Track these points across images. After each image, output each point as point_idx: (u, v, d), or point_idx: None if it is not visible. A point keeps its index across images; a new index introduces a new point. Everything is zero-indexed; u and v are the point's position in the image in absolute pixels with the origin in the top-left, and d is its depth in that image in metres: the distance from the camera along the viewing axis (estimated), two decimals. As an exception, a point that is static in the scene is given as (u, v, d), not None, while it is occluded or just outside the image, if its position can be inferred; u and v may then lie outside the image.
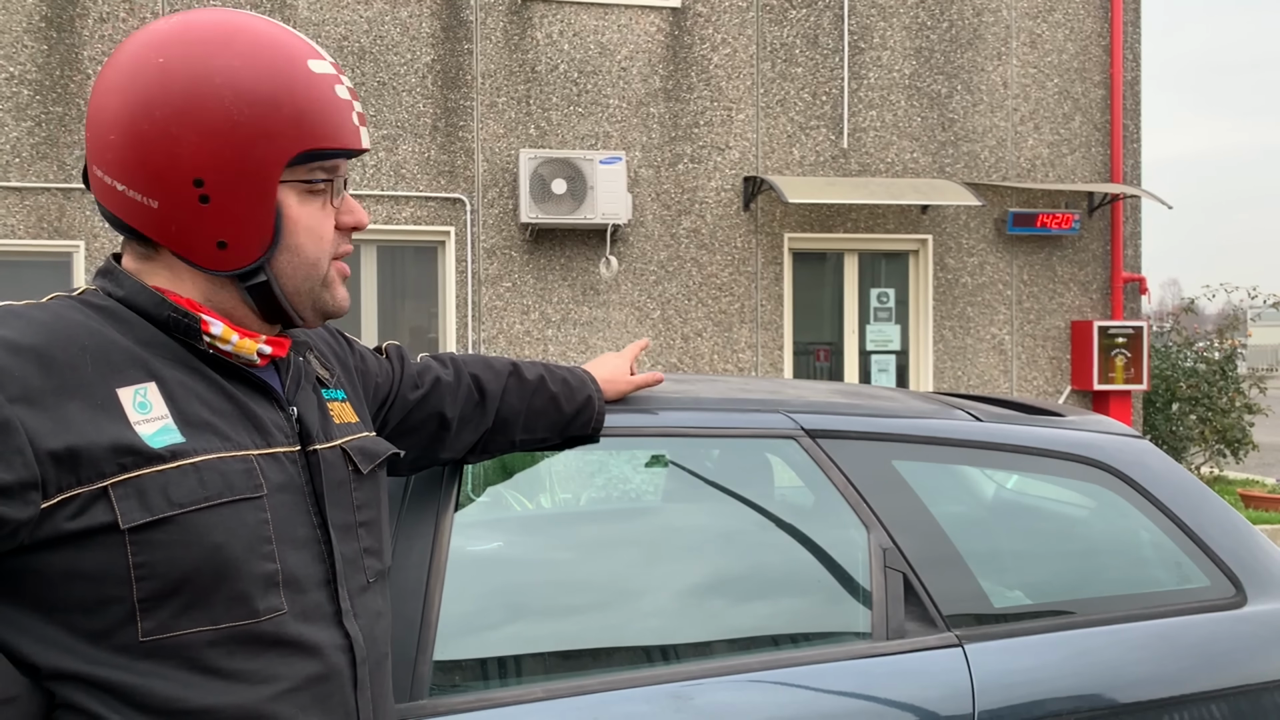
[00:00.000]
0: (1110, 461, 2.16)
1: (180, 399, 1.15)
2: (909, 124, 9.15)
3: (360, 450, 1.34)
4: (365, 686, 1.26)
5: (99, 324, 1.15)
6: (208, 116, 1.15)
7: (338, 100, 1.22)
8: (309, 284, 1.27)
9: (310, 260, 1.26)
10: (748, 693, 1.77)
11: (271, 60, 1.19)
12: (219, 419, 1.17)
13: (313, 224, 1.25)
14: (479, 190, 8.51)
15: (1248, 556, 2.12)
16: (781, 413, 2.05)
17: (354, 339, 1.61)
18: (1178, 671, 1.99)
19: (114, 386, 1.11)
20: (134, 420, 1.10)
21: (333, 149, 1.22)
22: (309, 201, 1.24)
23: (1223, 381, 10.52)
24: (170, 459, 1.10)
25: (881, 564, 1.91)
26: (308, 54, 1.23)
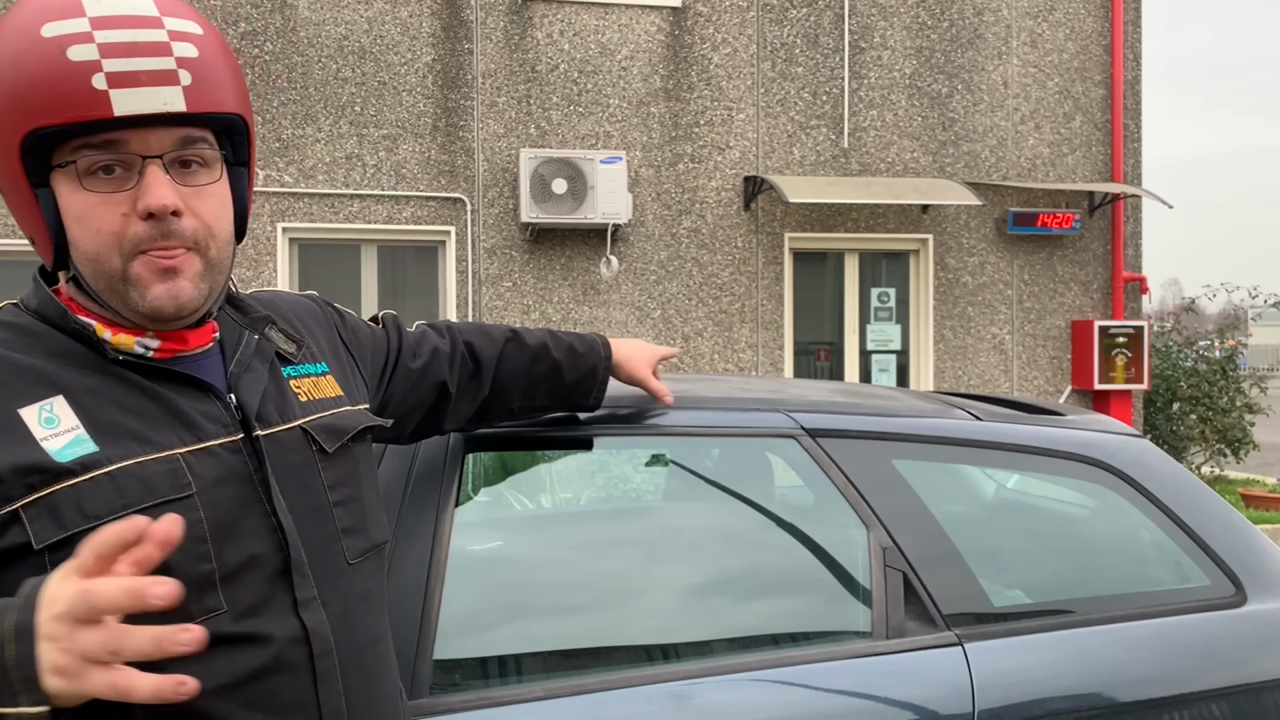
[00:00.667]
0: (1111, 461, 2.16)
1: (92, 407, 1.10)
2: (909, 123, 9.15)
3: (325, 428, 1.26)
4: (331, 679, 1.18)
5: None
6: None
7: (67, 66, 1.05)
8: (105, 282, 1.13)
9: (89, 256, 1.12)
10: (748, 692, 1.77)
11: (8, 34, 1.09)
12: (138, 421, 1.11)
13: (83, 213, 1.10)
14: (479, 190, 8.51)
15: (1248, 556, 2.12)
16: (782, 412, 2.05)
17: (346, 310, 1.53)
18: (1178, 670, 1.99)
19: (14, 408, 1.07)
20: (40, 437, 1.06)
21: (58, 125, 1.06)
22: (84, 188, 1.10)
23: (1223, 381, 10.52)
24: (81, 471, 1.06)
25: (881, 563, 1.91)
26: (51, 16, 1.08)
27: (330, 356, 1.38)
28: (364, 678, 1.23)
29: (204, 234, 1.15)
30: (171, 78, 1.08)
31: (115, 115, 1.06)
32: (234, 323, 1.28)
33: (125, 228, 1.11)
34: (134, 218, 1.10)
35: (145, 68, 1.07)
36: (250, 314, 1.30)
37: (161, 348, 1.17)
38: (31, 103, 1.06)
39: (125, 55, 1.07)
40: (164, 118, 1.09)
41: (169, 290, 1.13)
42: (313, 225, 8.18)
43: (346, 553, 1.24)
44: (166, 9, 1.12)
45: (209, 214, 1.15)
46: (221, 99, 1.14)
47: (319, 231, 8.23)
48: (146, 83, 1.07)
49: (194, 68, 1.10)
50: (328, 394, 1.32)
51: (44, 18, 1.08)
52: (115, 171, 1.10)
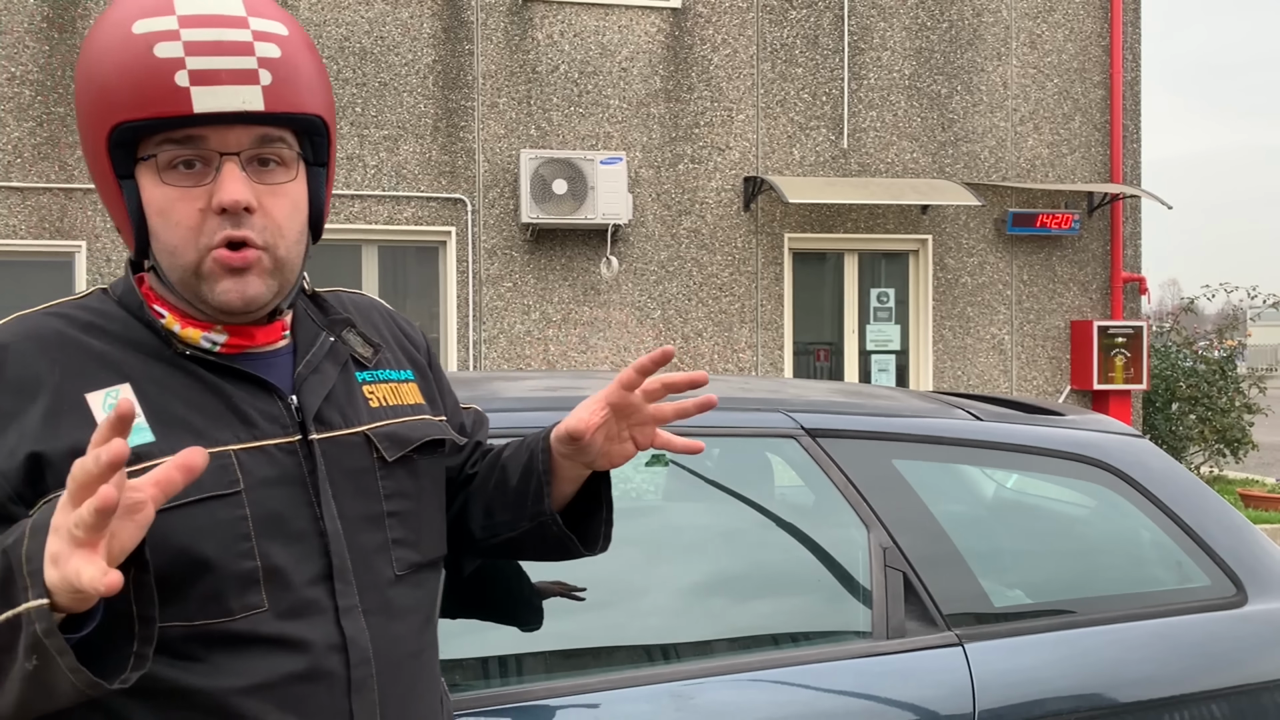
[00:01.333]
0: (1110, 461, 2.16)
1: (155, 398, 1.12)
2: (909, 124, 9.15)
3: (389, 436, 1.24)
4: (366, 689, 1.16)
5: (75, 332, 1.14)
6: (76, 101, 1.15)
7: (152, 62, 1.08)
8: (179, 274, 1.15)
9: (168, 248, 1.14)
10: (748, 692, 1.77)
11: (103, 31, 1.13)
12: (196, 415, 1.13)
13: (162, 206, 1.12)
14: (480, 190, 8.52)
15: (1248, 556, 2.12)
16: (782, 412, 2.05)
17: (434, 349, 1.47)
18: (1178, 671, 1.99)
19: (82, 391, 1.10)
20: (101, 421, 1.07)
21: (140, 120, 1.09)
22: (164, 182, 1.12)
23: (1222, 381, 10.52)
24: (134, 461, 1.05)
25: (882, 563, 1.91)
26: (143, 14, 1.10)
27: (410, 364, 1.36)
28: (401, 691, 1.21)
29: (274, 232, 1.16)
30: (252, 77, 1.10)
31: (194, 112, 1.08)
32: (312, 322, 1.27)
33: (201, 222, 1.12)
34: (210, 213, 1.12)
35: (226, 66, 1.09)
36: (330, 315, 1.30)
37: (228, 343, 1.18)
38: (118, 97, 1.09)
39: (208, 53, 1.09)
40: (243, 116, 1.11)
41: (237, 286, 1.14)
42: (312, 226, 8.17)
43: (395, 564, 1.23)
44: (254, 9, 1.14)
45: (281, 213, 1.16)
46: (302, 100, 1.15)
47: (319, 232, 8.23)
48: (227, 81, 1.09)
49: (275, 68, 1.12)
50: (406, 400, 1.30)
51: (137, 14, 1.10)
52: (195, 166, 1.12)
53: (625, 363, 8.66)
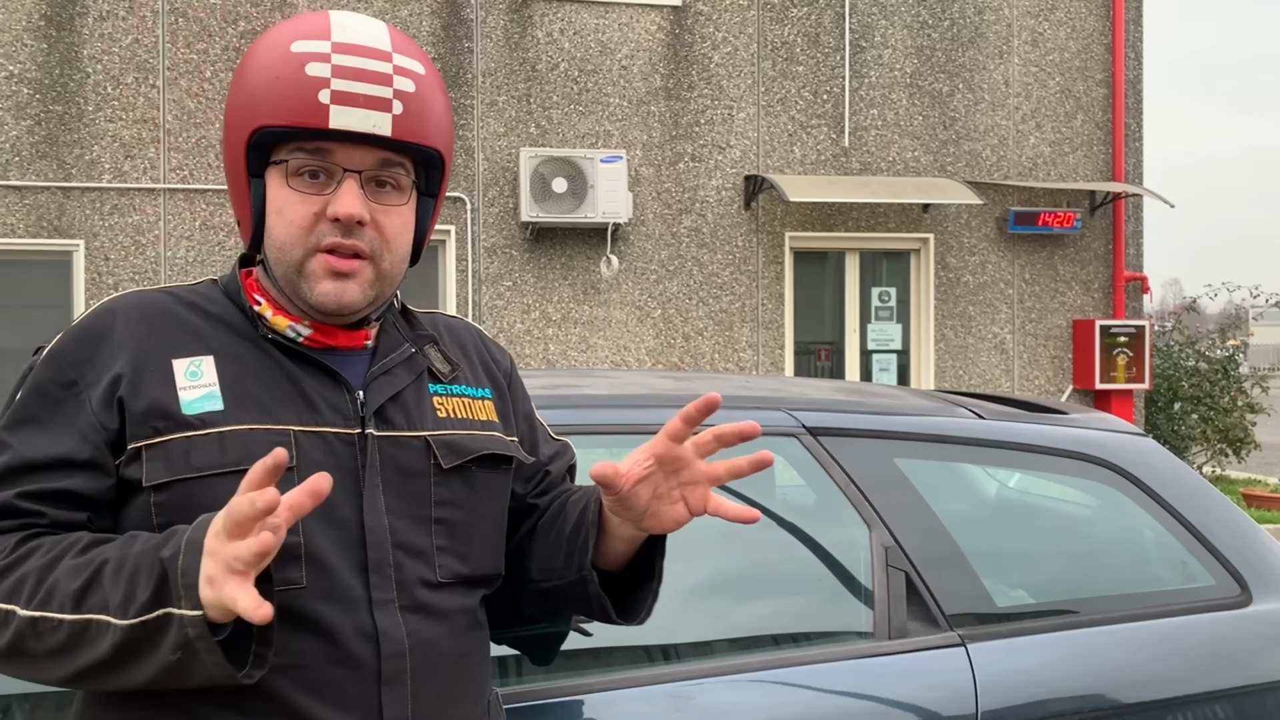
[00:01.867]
0: (1114, 460, 2.15)
1: (232, 372, 1.23)
2: (910, 123, 9.13)
3: (448, 444, 1.29)
4: (398, 683, 1.20)
5: (180, 309, 1.27)
6: (227, 103, 1.29)
7: (301, 78, 1.20)
8: (284, 269, 1.26)
9: (278, 244, 1.25)
10: (748, 692, 1.75)
11: (265, 46, 1.26)
12: (266, 393, 1.23)
13: (283, 207, 1.24)
14: (479, 189, 8.50)
15: (1253, 555, 2.11)
16: (783, 410, 2.04)
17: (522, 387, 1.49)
18: (1182, 671, 1.98)
19: (170, 357, 1.22)
20: (181, 386, 1.21)
21: (281, 127, 1.21)
22: (289, 185, 1.24)
23: (1225, 381, 10.51)
24: (200, 425, 1.19)
25: (884, 563, 1.90)
26: (302, 36, 1.23)
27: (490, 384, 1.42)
28: (438, 691, 1.24)
29: (381, 245, 1.26)
30: (385, 105, 1.22)
31: (329, 127, 1.20)
32: (398, 333, 1.36)
33: (313, 225, 1.23)
34: (323, 219, 1.23)
35: (365, 92, 1.21)
36: (417, 330, 1.38)
37: (312, 336, 1.28)
38: (266, 104, 1.22)
39: (352, 79, 1.21)
40: (371, 138, 1.22)
41: (336, 289, 1.24)
42: (312, 224, 8.16)
43: (439, 570, 1.26)
44: (399, 47, 1.26)
45: (391, 229, 1.26)
46: (426, 133, 1.26)
47: (319, 231, 8.22)
48: (363, 105, 1.21)
49: (407, 101, 1.23)
50: (478, 416, 1.35)
51: (296, 35, 1.24)
52: (319, 177, 1.23)
53: (626, 362, 8.66)
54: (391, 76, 1.22)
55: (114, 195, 8.01)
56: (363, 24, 1.26)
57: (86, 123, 7.99)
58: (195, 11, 8.13)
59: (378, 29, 1.26)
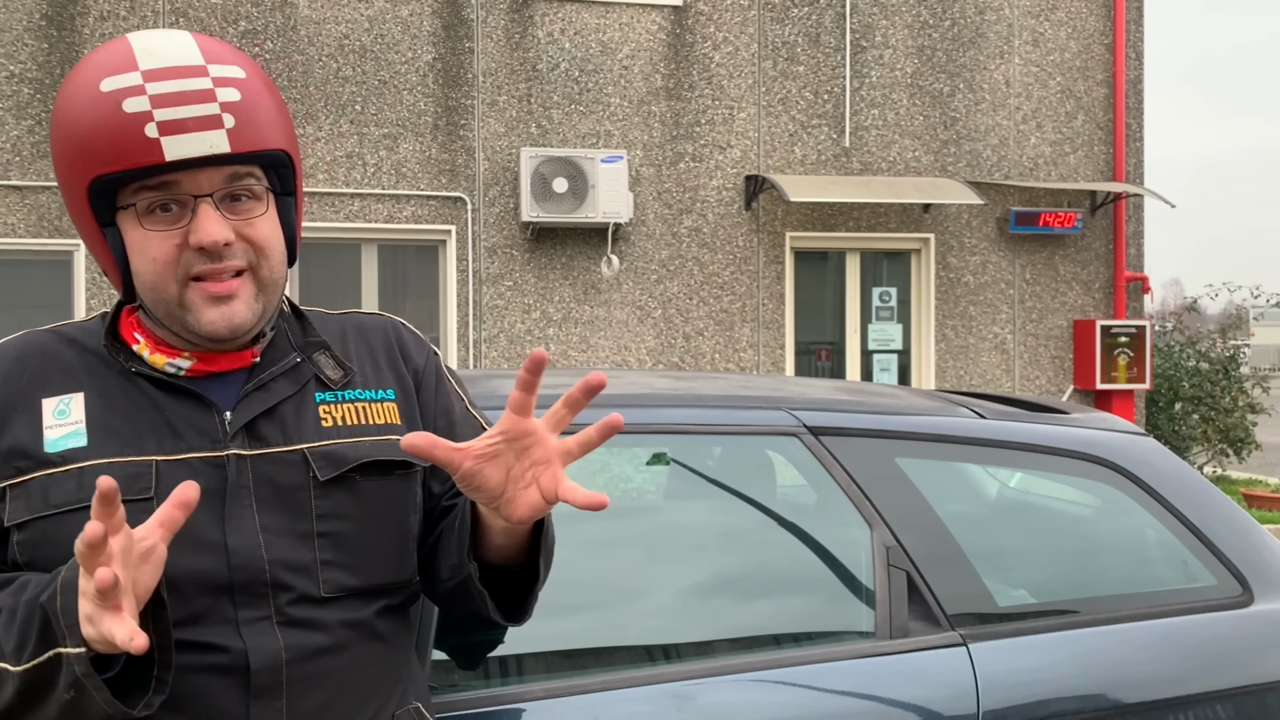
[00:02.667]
0: (1116, 459, 2.14)
1: (98, 408, 1.23)
2: (911, 123, 9.13)
3: (325, 455, 1.25)
4: (269, 697, 1.19)
5: (59, 347, 1.27)
6: (53, 156, 1.25)
7: (122, 118, 1.15)
8: (163, 307, 1.23)
9: (149, 284, 1.22)
10: (749, 692, 1.75)
11: (72, 90, 1.21)
12: (128, 426, 1.22)
13: (143, 247, 1.21)
14: (480, 189, 8.50)
15: (1254, 555, 2.11)
16: (784, 409, 2.03)
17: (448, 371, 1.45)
18: (1184, 671, 1.97)
19: (40, 396, 1.23)
20: (47, 425, 1.21)
21: (118, 173, 1.17)
22: (144, 225, 1.20)
23: (1225, 381, 10.51)
24: (61, 463, 1.19)
25: (885, 562, 1.89)
26: (108, 72, 1.18)
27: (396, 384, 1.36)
28: (320, 704, 1.22)
29: (255, 255, 1.23)
30: (216, 122, 1.17)
31: (166, 160, 1.16)
32: (288, 344, 1.32)
33: (178, 257, 1.20)
34: (186, 248, 1.20)
35: (191, 114, 1.16)
36: (309, 336, 1.34)
37: (193, 368, 1.26)
38: (94, 153, 1.17)
39: (173, 104, 1.16)
40: (212, 159, 1.18)
41: (223, 314, 1.22)
42: (313, 224, 8.16)
43: (323, 585, 1.23)
44: (211, 56, 1.21)
45: (260, 236, 1.24)
46: (265, 138, 1.22)
47: (319, 231, 8.22)
48: (193, 129, 1.16)
49: (237, 111, 1.19)
50: (374, 420, 1.31)
51: (102, 73, 1.18)
52: (171, 209, 1.20)
53: (626, 362, 8.66)
54: (213, 91, 1.18)
55: (114, 195, 8.00)
56: (166, 42, 1.20)
57: (87, 123, 7.98)
58: (196, 11, 8.13)
59: (183, 43, 1.21)
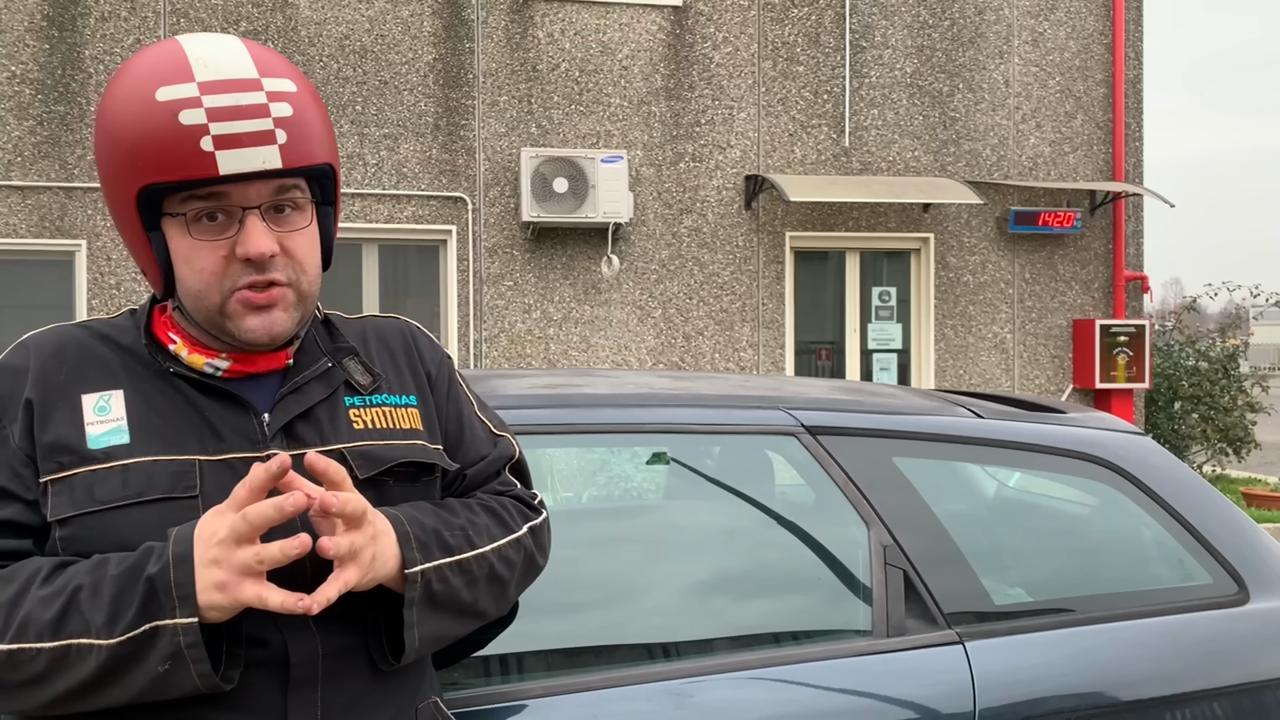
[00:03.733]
0: (1113, 458, 2.15)
1: (139, 406, 1.24)
2: (911, 122, 9.14)
3: (363, 455, 1.29)
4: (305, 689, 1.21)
5: (93, 342, 1.29)
6: (97, 153, 1.26)
7: (177, 129, 1.17)
8: (204, 314, 1.26)
9: (193, 292, 1.24)
10: (748, 690, 1.76)
11: (124, 95, 1.22)
12: (170, 426, 1.24)
13: (190, 256, 1.22)
14: (480, 189, 8.51)
15: (1250, 554, 2.12)
16: (782, 409, 2.04)
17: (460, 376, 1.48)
18: (1180, 669, 1.98)
19: (80, 392, 1.24)
20: (88, 422, 1.22)
21: (170, 183, 1.18)
22: (191, 233, 1.22)
23: (1225, 380, 10.51)
24: (104, 459, 1.20)
25: (882, 561, 1.90)
26: (163, 81, 1.19)
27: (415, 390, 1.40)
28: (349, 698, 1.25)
29: (296, 271, 1.27)
30: (269, 138, 1.20)
31: (220, 175, 1.18)
32: (317, 348, 1.36)
33: (225, 268, 1.23)
34: (234, 260, 1.23)
35: (247, 130, 1.18)
36: (338, 342, 1.38)
37: (230, 369, 1.29)
38: (148, 161, 1.19)
39: (229, 119, 1.18)
40: (262, 173, 1.20)
41: (263, 324, 1.25)
42: (314, 224, 8.16)
43: None
44: (265, 69, 1.23)
45: (301, 252, 1.27)
46: (313, 152, 1.25)
47: (320, 231, 8.21)
48: (248, 144, 1.18)
49: (289, 126, 1.21)
50: (400, 425, 1.34)
51: (156, 81, 1.19)
52: (218, 219, 1.22)
53: (626, 362, 8.67)
54: (267, 106, 1.20)
55: (115, 195, 8.01)
56: (221, 52, 1.22)
57: (88, 123, 7.99)
58: (197, 12, 8.14)
59: (238, 53, 1.22)
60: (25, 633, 1.11)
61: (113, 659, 1.10)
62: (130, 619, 1.10)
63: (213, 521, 1.13)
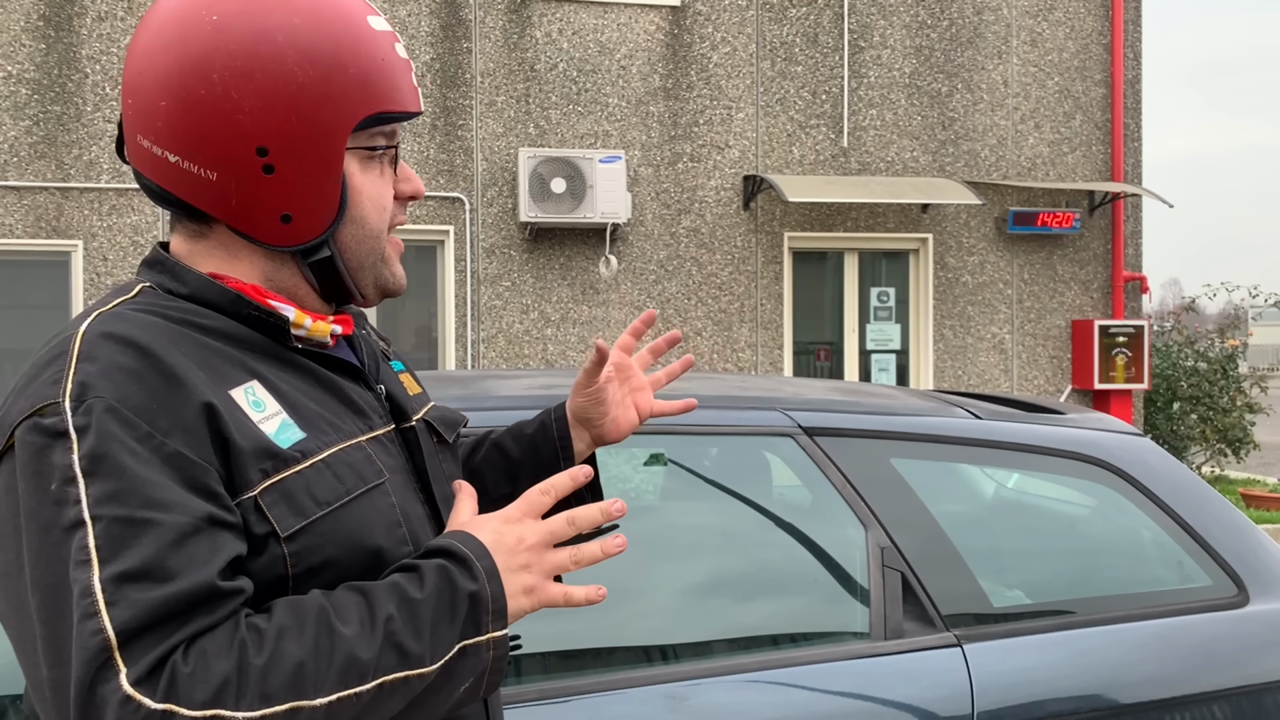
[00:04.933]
0: (1111, 460, 2.15)
1: (284, 394, 1.08)
2: (909, 123, 9.13)
3: (441, 419, 1.28)
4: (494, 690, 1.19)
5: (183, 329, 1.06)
6: (271, 79, 1.07)
7: (398, 60, 1.15)
8: (371, 258, 1.17)
9: (373, 232, 1.16)
10: (745, 693, 1.75)
11: (333, 16, 1.11)
12: (324, 410, 1.11)
13: (375, 192, 1.15)
14: (478, 189, 8.50)
15: (1250, 555, 2.11)
16: (779, 410, 2.04)
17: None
18: (1179, 671, 1.97)
19: (225, 389, 1.04)
20: (256, 419, 1.04)
21: (397, 112, 1.14)
22: (370, 169, 1.15)
23: (1224, 380, 10.51)
24: (302, 458, 1.05)
25: (880, 563, 1.90)
26: (366, 10, 1.15)
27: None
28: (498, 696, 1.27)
29: None
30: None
31: (418, 110, 1.18)
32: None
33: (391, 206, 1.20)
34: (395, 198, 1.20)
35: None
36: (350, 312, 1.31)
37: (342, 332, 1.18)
38: (379, 88, 1.12)
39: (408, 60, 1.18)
40: None
41: (403, 270, 1.22)
42: (311, 225, 8.16)
43: None
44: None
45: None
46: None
47: (317, 231, 8.21)
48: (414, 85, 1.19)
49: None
50: (416, 390, 1.32)
51: (364, 10, 1.15)
52: (379, 155, 1.17)
53: (625, 362, 8.65)
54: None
55: (112, 196, 8.00)
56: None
57: (85, 123, 7.98)
58: (194, 12, 8.13)
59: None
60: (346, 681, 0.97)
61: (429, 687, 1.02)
62: (450, 641, 1.02)
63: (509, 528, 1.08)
